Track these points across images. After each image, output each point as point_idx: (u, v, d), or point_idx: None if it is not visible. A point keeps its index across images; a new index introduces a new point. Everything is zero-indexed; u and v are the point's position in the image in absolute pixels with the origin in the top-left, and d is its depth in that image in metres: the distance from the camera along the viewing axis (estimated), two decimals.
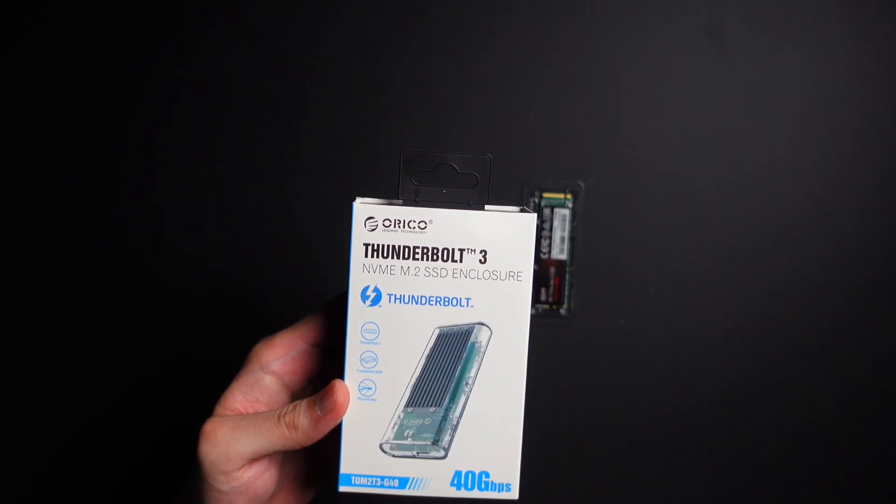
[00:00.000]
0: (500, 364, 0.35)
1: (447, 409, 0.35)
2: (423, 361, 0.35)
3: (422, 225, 0.35)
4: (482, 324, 0.35)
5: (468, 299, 0.35)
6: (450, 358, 0.35)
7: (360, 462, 0.35)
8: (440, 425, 0.35)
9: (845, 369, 0.55)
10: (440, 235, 0.35)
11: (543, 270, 0.54)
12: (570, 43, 0.55)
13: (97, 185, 0.55)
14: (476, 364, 0.35)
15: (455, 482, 0.35)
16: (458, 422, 0.35)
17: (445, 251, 0.35)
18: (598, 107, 0.55)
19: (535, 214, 0.38)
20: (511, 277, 0.35)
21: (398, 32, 0.55)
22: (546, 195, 0.49)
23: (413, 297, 0.35)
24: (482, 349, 0.35)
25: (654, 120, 0.55)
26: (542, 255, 0.52)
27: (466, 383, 0.35)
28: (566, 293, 0.54)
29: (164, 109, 0.55)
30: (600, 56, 0.55)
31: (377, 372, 0.35)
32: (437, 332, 0.35)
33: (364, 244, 0.34)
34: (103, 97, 0.55)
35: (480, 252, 0.35)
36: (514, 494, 0.35)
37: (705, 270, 0.55)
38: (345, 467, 0.35)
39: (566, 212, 0.54)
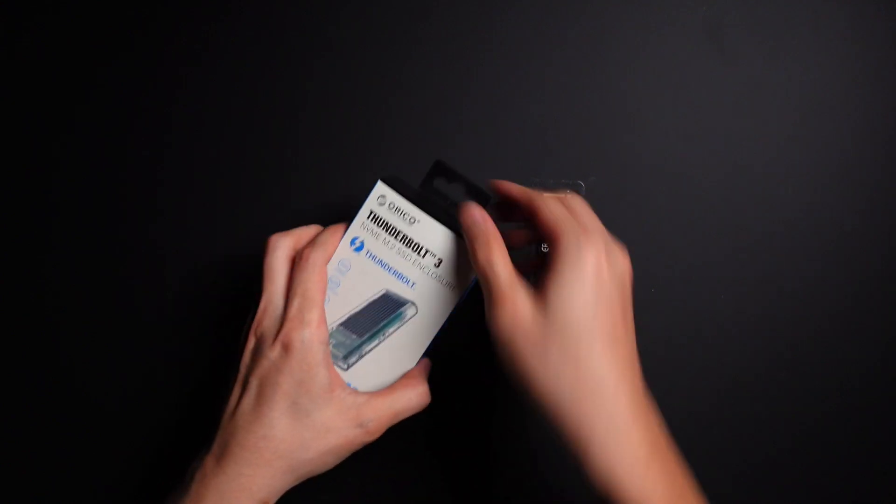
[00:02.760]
0: (411, 335, 0.46)
1: (363, 342, 0.46)
2: (365, 304, 0.46)
3: (412, 220, 0.46)
4: (414, 303, 0.46)
5: (414, 283, 0.46)
6: (383, 312, 0.46)
7: None
8: (352, 349, 0.46)
9: (849, 369, 0.55)
10: (419, 233, 0.46)
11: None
12: (571, 43, 0.55)
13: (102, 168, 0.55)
14: (396, 325, 0.46)
15: None
16: (364, 354, 0.46)
17: (416, 244, 0.46)
18: (598, 107, 0.55)
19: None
20: (448, 286, 0.46)
21: (398, 33, 0.55)
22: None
23: (381, 260, 0.46)
24: (405, 319, 0.46)
25: (653, 120, 0.55)
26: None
27: (384, 334, 0.46)
28: None
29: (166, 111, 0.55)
30: (600, 56, 0.55)
31: (335, 293, 0.46)
32: (384, 291, 0.46)
33: (371, 210, 0.46)
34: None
35: (438, 258, 0.46)
36: None
37: (706, 270, 0.54)
38: None
39: None
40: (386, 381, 0.46)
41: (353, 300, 0.46)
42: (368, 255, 0.46)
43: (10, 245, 0.55)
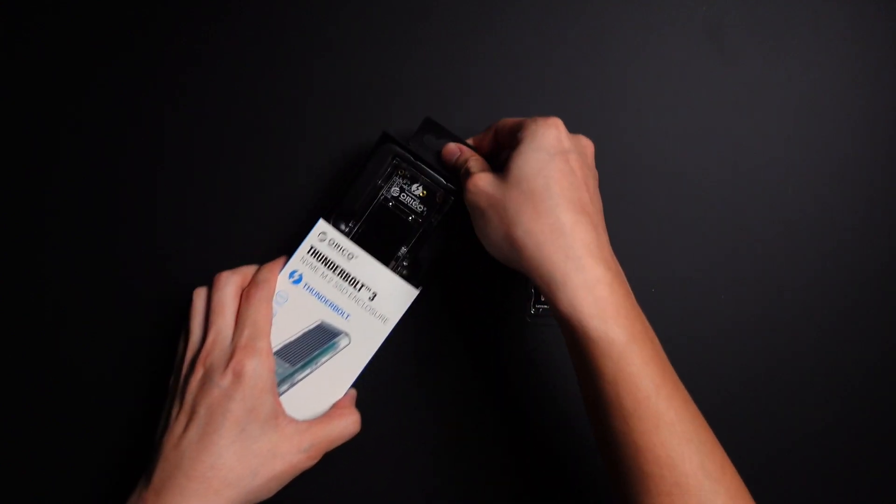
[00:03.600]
0: (342, 365, 0.49)
1: (295, 371, 0.48)
2: (300, 334, 0.48)
3: (350, 255, 0.49)
4: (347, 334, 0.49)
5: (349, 315, 0.49)
6: (317, 341, 0.48)
7: None
8: (285, 377, 0.48)
9: (850, 369, 0.55)
10: (356, 268, 0.49)
11: None
12: (571, 43, 0.55)
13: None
14: (329, 355, 0.48)
15: None
16: (296, 382, 0.48)
17: (353, 279, 0.49)
18: (598, 107, 0.55)
19: (419, 289, 0.49)
20: (380, 318, 0.49)
21: (398, 33, 0.55)
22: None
23: (318, 293, 0.49)
24: (339, 349, 0.49)
25: (653, 120, 0.55)
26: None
27: (317, 363, 0.48)
28: None
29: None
30: (600, 56, 0.55)
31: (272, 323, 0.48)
32: (319, 321, 0.49)
33: (311, 245, 0.49)
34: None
35: (373, 292, 0.49)
36: None
37: (706, 270, 0.54)
38: None
39: None
40: (315, 409, 0.48)
41: (289, 330, 0.48)
42: (306, 287, 0.49)
43: (10, 245, 0.55)
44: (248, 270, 0.49)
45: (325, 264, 0.49)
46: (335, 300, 0.49)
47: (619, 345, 0.40)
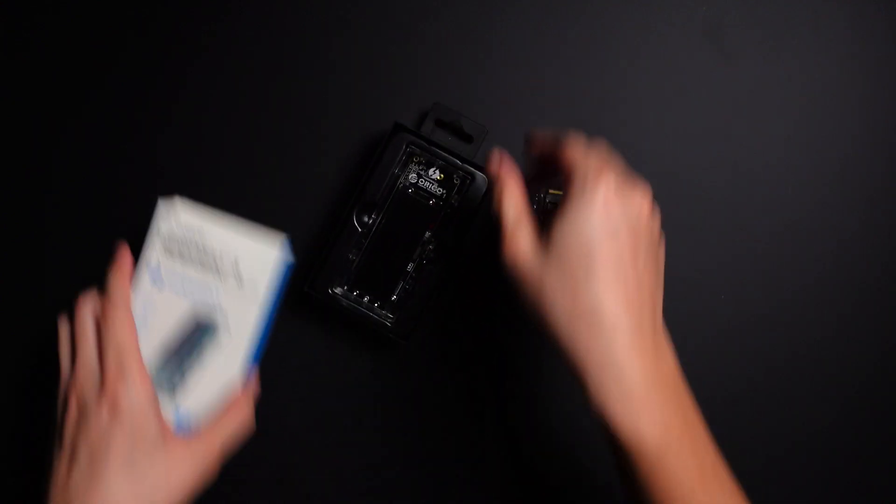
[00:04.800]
0: (227, 349, 0.47)
1: (183, 370, 0.47)
2: (175, 330, 0.47)
3: (201, 232, 0.47)
4: (221, 317, 0.47)
5: (219, 291, 0.47)
6: (194, 333, 0.47)
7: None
8: (175, 380, 0.47)
9: (850, 369, 0.55)
10: (211, 242, 0.47)
11: None
12: (571, 43, 0.55)
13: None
14: (211, 341, 0.47)
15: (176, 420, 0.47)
16: (186, 380, 0.47)
17: (210, 255, 0.47)
18: (598, 106, 0.55)
19: (281, 237, 0.48)
20: (251, 286, 0.47)
21: (398, 34, 0.55)
22: (552, 191, 0.50)
23: (180, 280, 0.47)
24: (218, 331, 0.47)
25: (653, 120, 0.55)
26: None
27: (200, 354, 0.47)
28: None
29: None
30: (600, 56, 0.55)
31: (145, 331, 0.47)
32: (191, 310, 0.47)
33: (160, 231, 0.48)
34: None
35: (234, 260, 0.47)
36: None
37: (706, 270, 0.54)
38: None
39: None
40: (215, 399, 0.47)
41: (163, 329, 0.47)
42: (167, 278, 0.47)
43: (11, 245, 0.55)
44: (108, 285, 0.46)
45: (180, 249, 0.47)
46: (199, 288, 0.47)
47: (652, 445, 0.37)
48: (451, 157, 0.51)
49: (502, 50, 0.55)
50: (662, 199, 0.55)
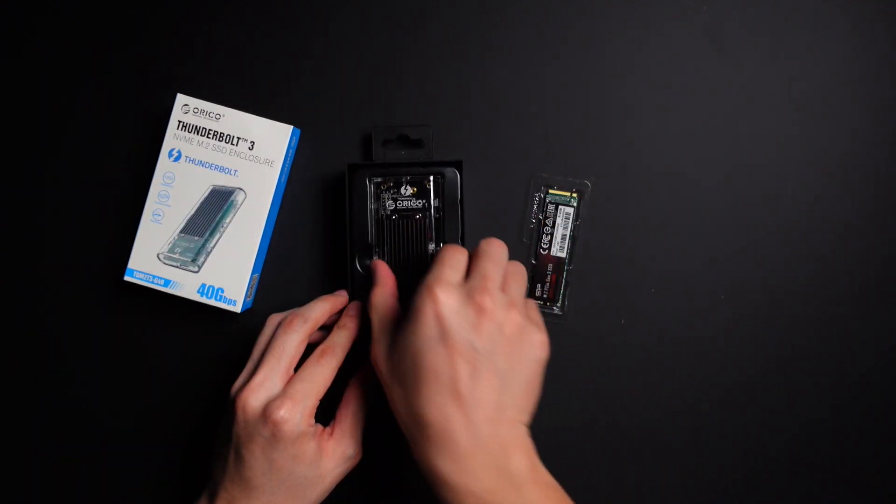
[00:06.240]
0: (247, 218, 0.51)
1: (206, 240, 0.50)
2: (198, 205, 0.51)
3: (217, 116, 0.51)
4: (241, 189, 0.51)
5: (236, 171, 0.51)
6: (216, 206, 0.51)
7: (141, 262, 0.51)
8: (198, 251, 0.50)
9: (849, 370, 0.54)
10: (227, 125, 0.51)
11: (541, 266, 0.54)
12: (571, 43, 0.55)
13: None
14: (231, 215, 0.51)
15: (200, 291, 0.51)
16: (210, 250, 0.50)
17: (228, 136, 0.51)
18: (598, 106, 0.55)
19: (291, 127, 0.51)
20: (266, 163, 0.51)
21: (397, 33, 0.55)
22: (552, 192, 0.50)
23: (201, 161, 0.51)
24: (238, 205, 0.51)
25: (653, 120, 0.55)
26: (541, 251, 0.53)
27: (222, 226, 0.50)
28: (562, 291, 0.54)
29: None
30: (600, 56, 0.55)
31: (167, 206, 0.51)
32: (211, 187, 0.51)
33: (178, 121, 0.51)
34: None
35: (250, 142, 0.51)
36: (237, 308, 0.51)
37: (706, 270, 0.54)
38: (131, 264, 0.51)
39: (570, 210, 0.54)
40: (239, 268, 0.51)
41: (187, 205, 0.51)
42: (188, 160, 0.51)
43: (10, 245, 0.55)
44: (317, 316, 0.49)
45: (197, 132, 0.51)
46: (218, 162, 0.51)
47: None
48: (413, 168, 0.52)
49: (501, 50, 0.55)
50: (663, 199, 0.55)
